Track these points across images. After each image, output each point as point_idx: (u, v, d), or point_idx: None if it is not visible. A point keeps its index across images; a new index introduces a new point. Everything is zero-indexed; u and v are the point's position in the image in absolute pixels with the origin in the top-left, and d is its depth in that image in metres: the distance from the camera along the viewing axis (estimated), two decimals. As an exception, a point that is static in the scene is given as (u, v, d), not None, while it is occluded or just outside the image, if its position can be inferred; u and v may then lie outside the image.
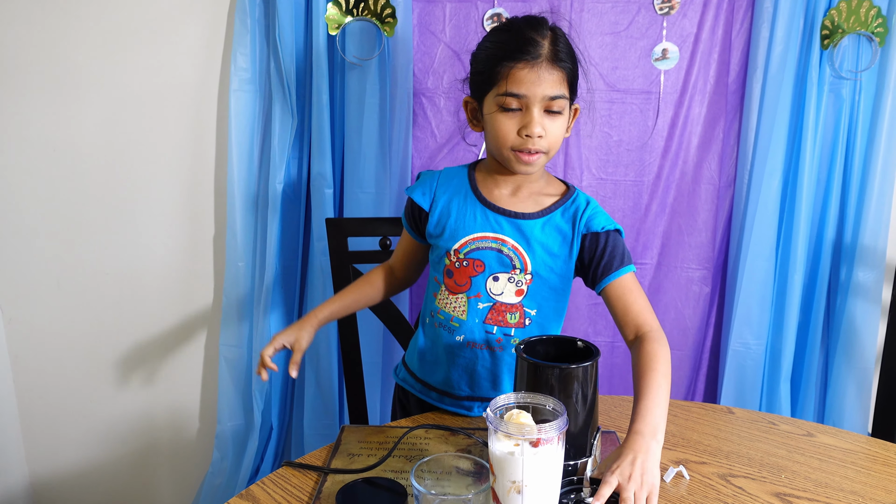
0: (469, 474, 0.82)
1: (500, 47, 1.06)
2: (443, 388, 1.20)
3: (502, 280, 1.12)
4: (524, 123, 1.05)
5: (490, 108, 1.08)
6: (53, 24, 1.68)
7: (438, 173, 1.20)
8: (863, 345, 1.70)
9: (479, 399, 1.18)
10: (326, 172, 1.65)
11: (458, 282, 1.13)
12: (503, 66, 1.04)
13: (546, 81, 1.04)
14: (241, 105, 1.68)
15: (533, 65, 1.03)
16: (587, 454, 0.90)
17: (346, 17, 1.60)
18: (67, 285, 1.81)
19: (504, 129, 1.06)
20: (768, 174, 1.65)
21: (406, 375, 1.27)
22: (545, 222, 1.12)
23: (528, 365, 0.89)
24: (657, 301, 1.79)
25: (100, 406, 1.88)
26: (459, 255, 1.13)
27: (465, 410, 1.19)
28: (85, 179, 1.76)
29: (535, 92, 1.03)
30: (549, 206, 1.13)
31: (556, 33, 1.07)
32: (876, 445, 1.07)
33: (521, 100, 1.04)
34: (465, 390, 1.18)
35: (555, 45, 1.05)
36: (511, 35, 1.06)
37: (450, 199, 1.16)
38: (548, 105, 1.05)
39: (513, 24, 1.09)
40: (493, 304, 1.13)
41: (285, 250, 1.73)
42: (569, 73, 1.07)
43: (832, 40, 1.61)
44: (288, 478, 0.94)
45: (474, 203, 1.14)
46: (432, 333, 1.19)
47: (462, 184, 1.17)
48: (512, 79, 1.04)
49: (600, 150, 1.74)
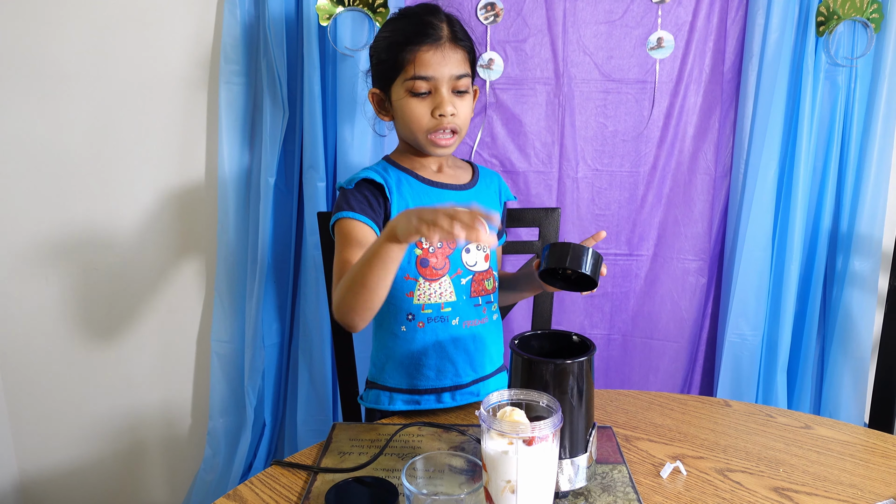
0: (462, 472, 0.81)
1: (401, 34, 1.10)
2: (452, 382, 1.18)
3: (472, 250, 1.17)
4: (436, 104, 1.09)
5: (399, 94, 1.11)
6: (40, 16, 1.65)
7: (367, 169, 1.17)
8: (859, 334, 1.69)
9: (480, 380, 1.20)
10: (319, 165, 1.63)
11: (435, 266, 1.14)
12: (407, 52, 1.08)
13: (451, 61, 1.09)
14: (232, 97, 1.66)
15: (437, 46, 1.08)
16: (582, 451, 0.89)
17: (338, 7, 1.58)
18: (56, 281, 1.79)
19: (417, 113, 1.10)
20: (764, 163, 1.64)
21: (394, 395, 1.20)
22: (478, 189, 1.21)
23: (522, 360, 0.87)
24: (653, 292, 1.78)
25: (90, 402, 1.87)
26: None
27: (475, 397, 1.18)
28: (73, 173, 1.74)
29: (443, 72, 1.08)
30: (474, 176, 1.23)
31: (450, 17, 1.13)
32: (874, 437, 1.07)
33: (430, 82, 1.09)
34: (469, 374, 1.19)
35: (452, 27, 1.11)
36: (409, 21, 1.11)
37: (397, 187, 1.15)
38: (455, 84, 1.10)
39: (408, 11, 1.14)
40: (472, 275, 1.17)
41: (277, 244, 1.71)
42: (469, 52, 1.13)
43: (828, 27, 1.59)
44: (277, 477, 0.93)
45: (419, 185, 1.16)
46: (419, 336, 1.16)
47: (394, 172, 1.17)
48: (419, 62, 1.08)
49: (595, 141, 1.72)
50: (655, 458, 0.99)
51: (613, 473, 0.93)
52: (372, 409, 1.24)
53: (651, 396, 1.20)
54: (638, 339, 1.81)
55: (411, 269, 1.14)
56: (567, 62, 1.68)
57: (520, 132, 1.71)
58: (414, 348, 1.17)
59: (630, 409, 1.15)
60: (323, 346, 1.69)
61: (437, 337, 1.15)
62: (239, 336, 1.77)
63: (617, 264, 1.78)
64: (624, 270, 1.78)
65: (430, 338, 1.16)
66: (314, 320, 1.68)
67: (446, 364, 1.17)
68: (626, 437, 1.05)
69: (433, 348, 1.16)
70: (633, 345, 1.82)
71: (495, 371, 1.24)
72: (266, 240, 1.67)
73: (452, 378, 1.18)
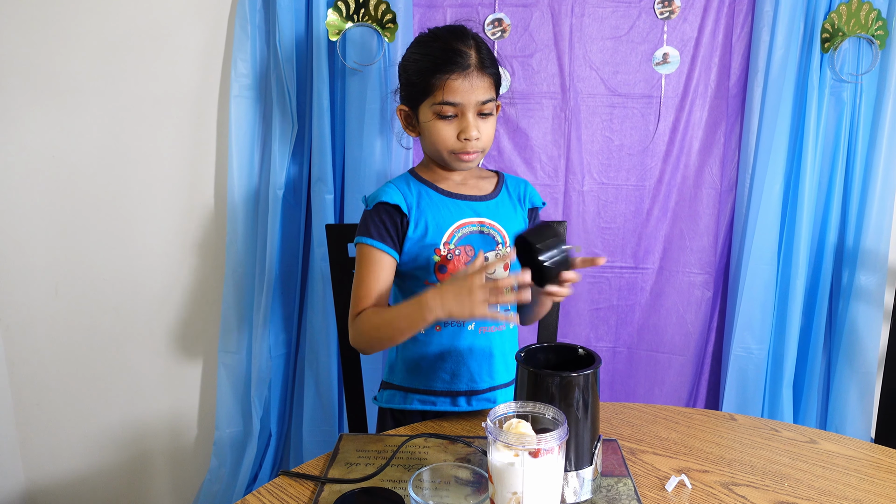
0: (468, 484, 0.81)
1: (431, 60, 1.14)
2: (468, 387, 1.20)
3: (492, 258, 1.17)
4: (462, 128, 1.14)
5: (426, 116, 1.16)
6: (53, 31, 1.68)
7: (390, 183, 1.23)
8: (865, 349, 1.69)
9: (498, 387, 1.22)
10: (327, 178, 1.64)
11: (453, 273, 1.17)
12: (437, 78, 1.12)
13: (478, 88, 1.13)
14: (242, 111, 1.68)
15: (465, 75, 1.12)
16: (588, 463, 0.89)
17: (347, 23, 1.60)
18: (65, 291, 1.80)
19: (443, 135, 1.15)
20: (770, 178, 1.65)
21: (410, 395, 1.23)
22: (500, 199, 1.24)
23: (528, 373, 0.88)
24: (659, 305, 1.79)
25: (97, 412, 1.88)
26: (450, 246, 1.17)
27: (491, 403, 1.20)
28: (84, 186, 1.76)
29: (469, 99, 1.13)
30: (497, 186, 1.25)
31: (478, 42, 1.16)
32: (879, 452, 1.06)
33: (457, 107, 1.13)
34: (486, 381, 1.21)
35: (480, 54, 1.14)
36: (439, 46, 1.15)
37: (417, 201, 1.19)
38: (480, 109, 1.15)
39: (438, 35, 1.17)
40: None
41: (285, 256, 1.72)
42: (495, 78, 1.17)
43: (832, 43, 1.60)
44: (284, 487, 0.93)
45: (439, 198, 1.20)
46: (436, 340, 1.19)
47: (416, 186, 1.22)
48: (447, 89, 1.12)
49: (601, 155, 1.74)
50: (660, 471, 0.99)
51: (618, 486, 0.93)
52: (385, 408, 1.27)
53: (656, 409, 1.20)
54: (643, 352, 1.82)
55: (430, 276, 1.17)
56: (573, 77, 1.70)
57: (526, 146, 1.73)
58: (430, 351, 1.20)
59: (635, 422, 1.15)
60: (329, 358, 1.70)
61: (454, 341, 1.18)
62: (246, 347, 1.78)
63: (623, 277, 1.78)
64: (630, 283, 1.78)
65: (446, 342, 1.19)
66: (321, 332, 1.69)
67: (461, 368, 1.19)
68: (632, 449, 1.05)
69: (449, 352, 1.19)
70: (638, 358, 1.82)
71: (513, 380, 1.25)
72: (274, 251, 1.68)
73: (468, 383, 1.20)
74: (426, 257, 1.17)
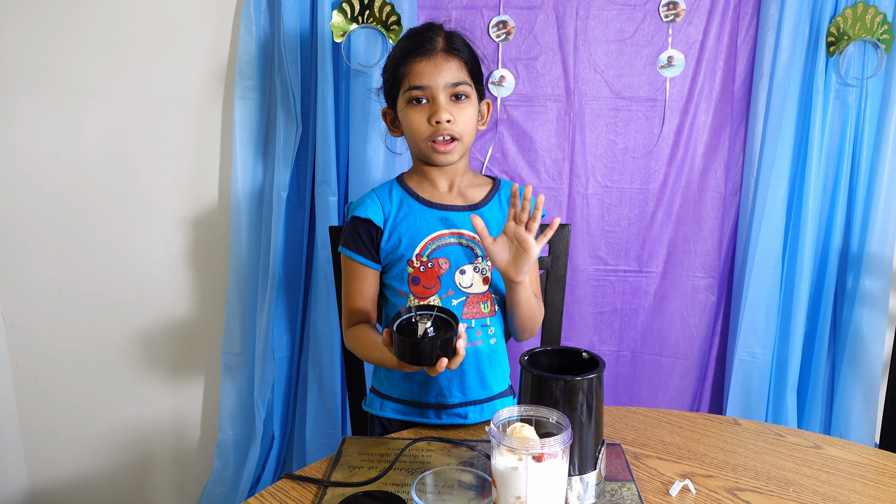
0: (471, 488, 0.81)
1: (400, 51, 1.16)
2: (436, 400, 1.18)
3: (468, 272, 1.17)
4: (432, 112, 1.13)
5: (401, 106, 1.17)
6: (59, 32, 1.68)
7: (372, 193, 1.23)
8: (870, 354, 1.68)
9: (470, 403, 1.19)
10: (331, 180, 1.64)
11: (426, 285, 1.16)
12: (404, 66, 1.14)
13: (444, 69, 1.13)
14: (246, 112, 1.68)
15: (429, 57, 1.13)
16: (592, 468, 0.89)
17: (352, 25, 1.60)
18: (69, 292, 1.80)
19: (415, 122, 1.14)
20: (774, 181, 1.64)
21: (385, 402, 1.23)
22: (489, 208, 1.21)
23: (532, 377, 0.88)
24: (663, 309, 1.78)
25: (100, 414, 1.88)
26: (422, 259, 1.16)
27: (461, 419, 1.18)
28: (88, 187, 1.76)
29: (437, 81, 1.12)
30: (487, 195, 1.23)
31: (450, 32, 1.17)
32: (884, 458, 1.06)
33: (426, 91, 1.13)
34: (457, 396, 1.18)
35: (448, 39, 1.15)
36: (410, 39, 1.16)
37: (396, 211, 1.19)
38: (452, 91, 1.13)
39: (412, 31, 1.19)
40: (465, 297, 1.17)
41: (289, 258, 1.72)
42: (467, 61, 1.16)
43: (838, 47, 1.60)
44: (287, 490, 0.93)
45: (419, 208, 1.19)
46: None
47: (398, 194, 1.21)
48: (413, 73, 1.13)
49: (606, 158, 1.73)
50: (664, 475, 0.99)
51: (622, 491, 0.93)
52: (367, 413, 1.28)
53: (660, 414, 1.20)
54: (647, 356, 1.81)
55: (403, 286, 1.18)
56: (578, 80, 1.69)
57: (530, 148, 1.72)
58: None
59: (639, 426, 1.15)
60: (332, 360, 1.70)
61: None
62: (249, 349, 1.78)
63: (626, 281, 1.78)
64: (633, 287, 1.78)
65: None
66: (324, 334, 1.69)
67: (430, 381, 1.18)
68: (636, 454, 1.05)
69: None
70: (642, 362, 1.82)
71: (491, 397, 1.21)
72: (278, 253, 1.68)
73: (437, 396, 1.18)
74: (401, 268, 1.17)
